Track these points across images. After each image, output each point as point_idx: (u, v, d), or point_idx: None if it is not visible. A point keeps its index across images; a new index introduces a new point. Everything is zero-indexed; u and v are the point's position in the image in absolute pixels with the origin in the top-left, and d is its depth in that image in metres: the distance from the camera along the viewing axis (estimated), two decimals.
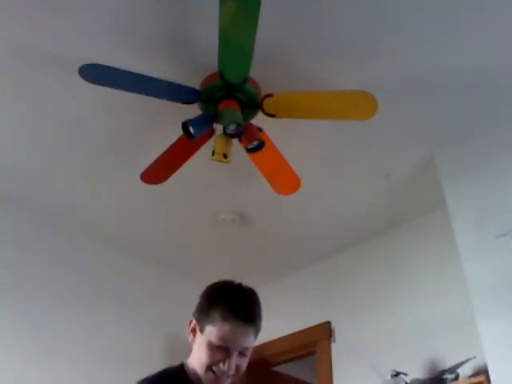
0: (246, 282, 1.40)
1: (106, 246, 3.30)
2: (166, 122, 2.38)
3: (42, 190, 2.87)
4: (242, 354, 1.28)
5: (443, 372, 2.41)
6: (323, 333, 3.15)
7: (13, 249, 2.88)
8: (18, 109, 2.39)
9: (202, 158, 2.33)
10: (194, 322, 1.36)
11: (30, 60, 2.15)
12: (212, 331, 1.28)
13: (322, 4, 1.94)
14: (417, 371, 2.57)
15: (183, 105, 2.15)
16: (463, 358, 2.35)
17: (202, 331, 1.31)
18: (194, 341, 1.36)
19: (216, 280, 1.40)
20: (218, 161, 2.13)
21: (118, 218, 3.11)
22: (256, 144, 2.12)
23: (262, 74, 2.11)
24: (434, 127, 2.48)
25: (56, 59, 2.15)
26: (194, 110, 2.14)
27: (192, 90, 2.11)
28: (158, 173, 2.41)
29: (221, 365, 1.27)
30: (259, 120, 2.19)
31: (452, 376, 2.36)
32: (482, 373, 2.20)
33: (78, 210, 3.04)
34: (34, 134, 2.52)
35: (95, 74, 2.00)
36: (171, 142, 2.27)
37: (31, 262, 2.93)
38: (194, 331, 1.36)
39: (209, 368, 1.28)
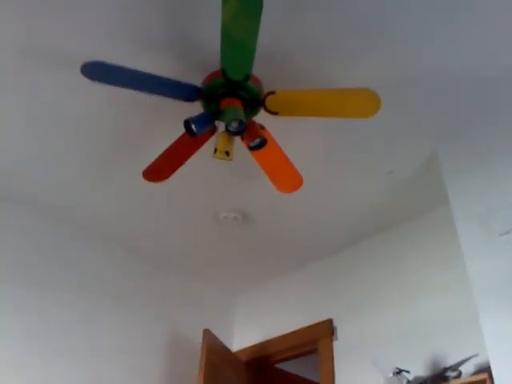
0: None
1: (106, 244, 3.30)
2: (168, 120, 2.38)
3: (42, 189, 2.87)
4: None
5: (445, 369, 2.40)
6: (325, 330, 3.15)
7: (13, 249, 2.88)
8: (18, 107, 2.39)
9: (204, 155, 2.33)
10: None
11: (31, 58, 2.15)
12: None
13: (323, 2, 1.93)
14: (419, 369, 2.57)
15: (185, 102, 2.14)
16: (466, 356, 2.35)
17: None
18: None
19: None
20: (220, 158, 2.12)
21: (119, 215, 3.11)
22: (258, 142, 2.12)
23: (264, 71, 2.11)
24: (436, 125, 2.47)
25: (57, 57, 2.14)
26: (195, 108, 2.13)
27: (194, 88, 2.10)
28: (160, 170, 2.41)
29: None
30: (261, 118, 2.19)
31: (454, 374, 2.36)
32: (485, 370, 2.19)
33: (79, 208, 3.04)
34: (35, 133, 2.52)
35: (97, 71, 1.99)
36: (173, 140, 2.27)
37: (31, 262, 2.93)
38: None
39: None
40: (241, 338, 3.63)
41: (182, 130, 2.09)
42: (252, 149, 2.16)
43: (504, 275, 2.09)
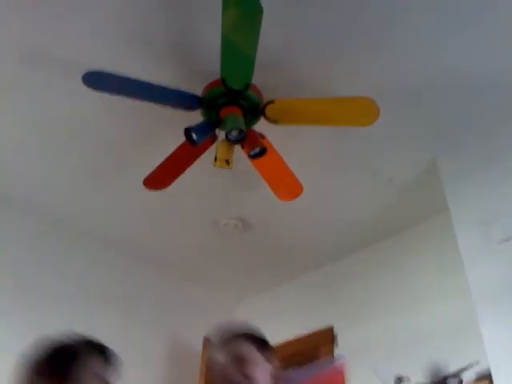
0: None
1: (107, 249, 3.30)
2: (169, 129, 2.39)
3: (42, 191, 2.87)
4: None
5: (446, 377, 2.40)
6: (326, 338, 3.14)
7: (12, 250, 2.87)
8: (18, 110, 2.40)
9: (204, 163, 2.33)
10: None
11: (31, 62, 2.15)
12: None
13: (322, 11, 1.94)
14: (420, 376, 2.56)
15: (185, 111, 2.15)
16: (466, 363, 2.34)
17: None
18: None
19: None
20: (221, 167, 2.13)
21: (120, 222, 3.11)
22: (258, 150, 2.13)
23: (264, 80, 2.12)
24: (436, 132, 2.48)
25: (58, 62, 2.15)
26: (196, 117, 2.14)
27: (194, 97, 2.11)
28: (160, 179, 2.42)
29: None
30: (261, 126, 2.20)
31: (455, 381, 2.35)
32: (486, 377, 2.19)
33: (79, 212, 3.04)
34: (35, 135, 2.53)
35: (98, 80, 2.01)
36: (174, 149, 2.28)
37: (31, 264, 2.92)
38: None
39: None
40: None
41: (182, 139, 2.10)
42: (252, 157, 2.17)
43: (503, 282, 2.10)
